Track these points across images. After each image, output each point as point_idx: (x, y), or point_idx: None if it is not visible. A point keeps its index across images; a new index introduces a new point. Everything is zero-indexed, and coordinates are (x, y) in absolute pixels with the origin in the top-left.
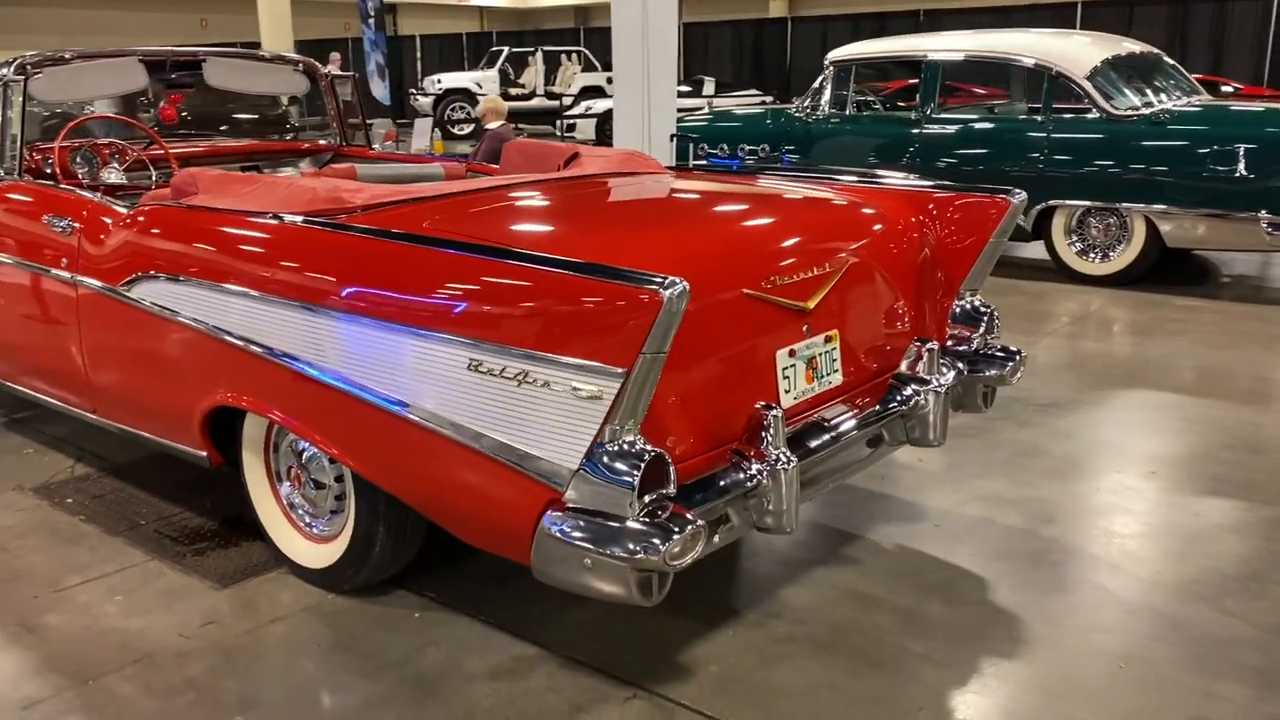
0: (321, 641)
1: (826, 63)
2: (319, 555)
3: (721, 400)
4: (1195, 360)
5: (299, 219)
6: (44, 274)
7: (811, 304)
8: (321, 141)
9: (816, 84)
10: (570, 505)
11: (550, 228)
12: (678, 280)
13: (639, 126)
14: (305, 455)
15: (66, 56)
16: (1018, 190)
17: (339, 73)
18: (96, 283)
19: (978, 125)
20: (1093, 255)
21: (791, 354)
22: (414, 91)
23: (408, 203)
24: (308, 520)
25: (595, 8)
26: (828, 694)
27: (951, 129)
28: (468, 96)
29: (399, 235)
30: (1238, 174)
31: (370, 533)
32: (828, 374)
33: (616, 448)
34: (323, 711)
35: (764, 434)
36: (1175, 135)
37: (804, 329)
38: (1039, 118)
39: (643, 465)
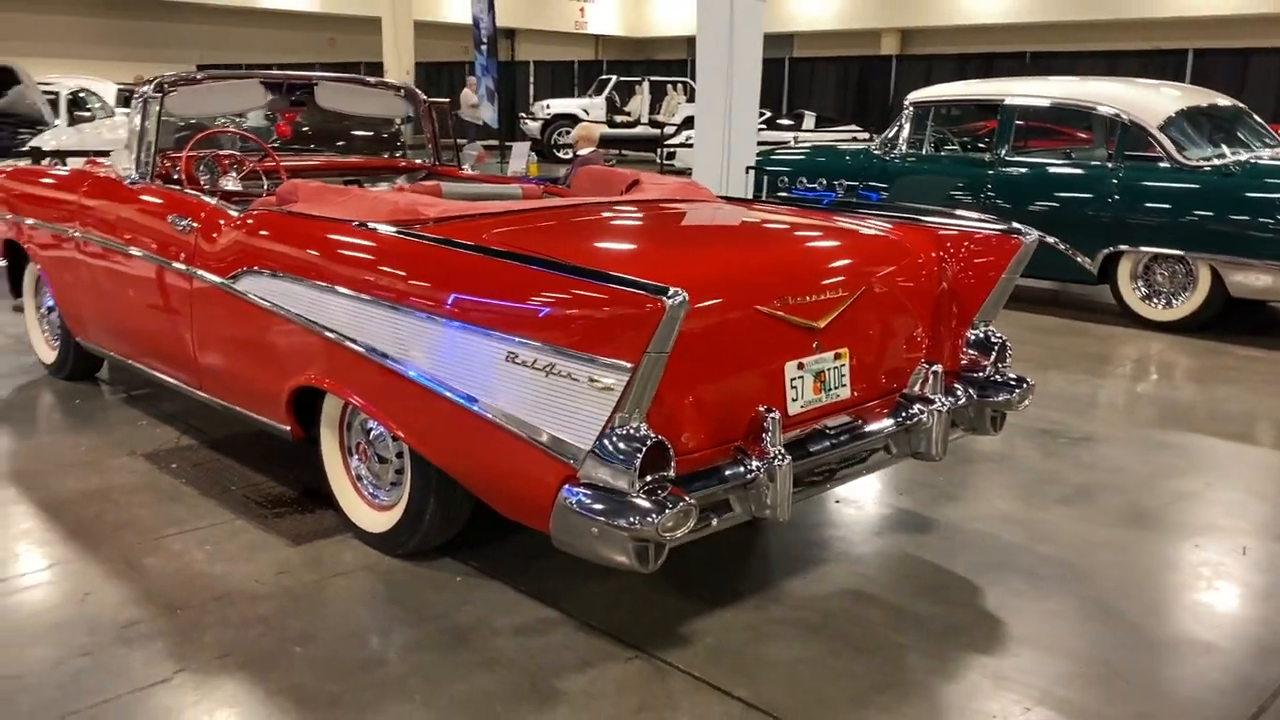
0: (375, 594)
1: (906, 103)
2: (379, 521)
3: (730, 402)
4: (1241, 406)
5: (378, 227)
6: (165, 266)
7: (822, 323)
8: (418, 161)
9: (896, 123)
10: (583, 481)
11: (591, 243)
12: (679, 291)
13: (719, 158)
14: (373, 433)
15: (198, 77)
16: (1030, 230)
17: (474, 97)
18: (208, 275)
19: (1049, 169)
20: (1157, 301)
21: (800, 366)
22: (523, 116)
23: (474, 217)
24: (371, 490)
25: None
26: (808, 668)
27: (1023, 171)
28: (574, 122)
29: (454, 243)
30: None
31: (422, 503)
32: (835, 387)
33: (624, 433)
34: (369, 648)
35: (764, 434)
36: (1244, 187)
37: (814, 345)
38: (1109, 164)
39: (644, 449)
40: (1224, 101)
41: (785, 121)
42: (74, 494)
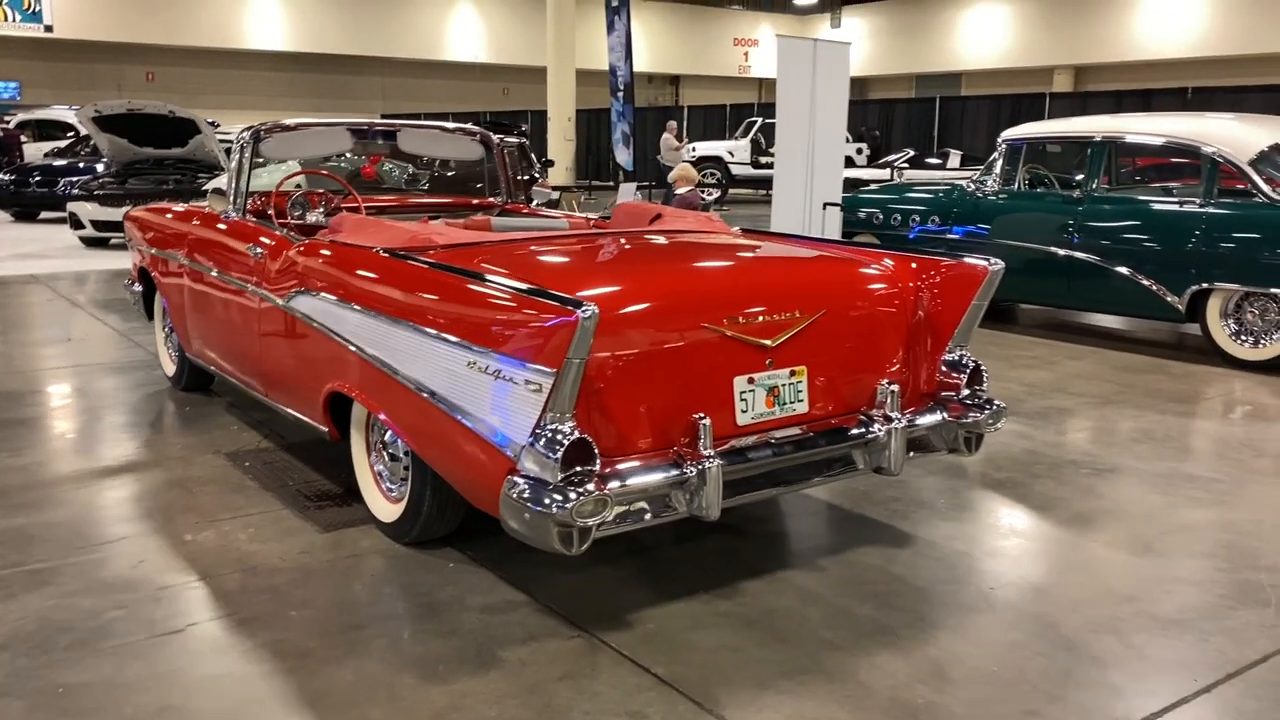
0: (375, 573)
1: (999, 141)
2: (390, 512)
3: (674, 409)
4: None
5: (386, 253)
6: (242, 288)
7: (774, 342)
8: (492, 199)
9: (989, 161)
10: (521, 473)
11: (566, 265)
12: (591, 305)
13: (801, 196)
14: (387, 435)
15: (290, 125)
16: (996, 260)
17: (675, 141)
18: (270, 295)
19: (1136, 205)
20: (1245, 340)
21: (750, 381)
22: (659, 158)
23: (479, 245)
24: (388, 485)
25: (874, 80)
26: (729, 654)
27: (1110, 208)
28: (720, 164)
29: (431, 264)
30: None
31: (420, 497)
32: (791, 402)
33: (552, 429)
34: (352, 615)
35: (699, 440)
36: None
37: (767, 362)
38: (1198, 200)
39: (566, 445)
40: None
41: (933, 160)
42: (160, 482)
